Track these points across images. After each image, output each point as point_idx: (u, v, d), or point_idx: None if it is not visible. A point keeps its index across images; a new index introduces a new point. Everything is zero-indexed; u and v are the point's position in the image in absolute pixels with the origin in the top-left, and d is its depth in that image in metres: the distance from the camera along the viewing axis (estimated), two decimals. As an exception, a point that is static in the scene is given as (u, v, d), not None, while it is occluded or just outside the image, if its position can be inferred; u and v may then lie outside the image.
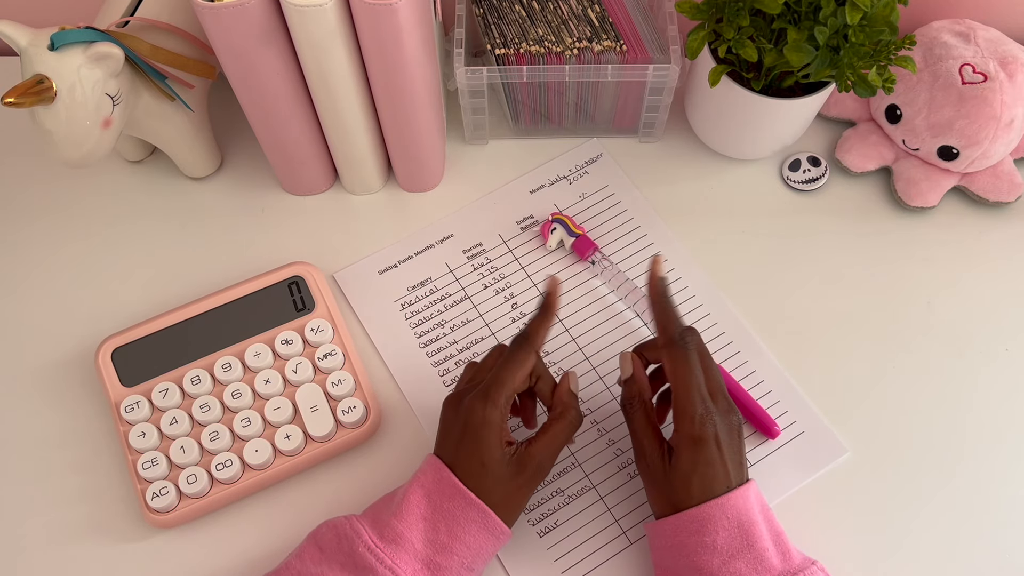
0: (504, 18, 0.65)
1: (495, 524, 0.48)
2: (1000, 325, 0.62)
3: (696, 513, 0.47)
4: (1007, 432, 0.58)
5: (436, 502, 0.48)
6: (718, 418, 0.48)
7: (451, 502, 0.48)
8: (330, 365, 0.59)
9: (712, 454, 0.48)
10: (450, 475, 0.48)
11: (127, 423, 0.57)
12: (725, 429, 0.48)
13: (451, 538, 0.47)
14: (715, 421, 0.48)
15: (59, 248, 0.66)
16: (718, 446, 0.48)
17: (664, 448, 0.50)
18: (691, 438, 0.48)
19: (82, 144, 0.54)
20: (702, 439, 0.48)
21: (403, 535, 0.47)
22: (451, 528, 0.47)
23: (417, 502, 0.48)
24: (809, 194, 0.67)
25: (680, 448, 0.48)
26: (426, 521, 0.48)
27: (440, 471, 0.49)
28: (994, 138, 0.61)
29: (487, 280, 0.64)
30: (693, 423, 0.48)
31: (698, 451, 0.48)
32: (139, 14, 0.59)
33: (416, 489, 0.49)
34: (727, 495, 0.47)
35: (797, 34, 0.54)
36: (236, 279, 0.63)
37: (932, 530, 0.55)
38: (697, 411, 0.48)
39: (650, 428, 0.51)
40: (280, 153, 0.63)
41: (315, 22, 0.51)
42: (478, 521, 0.48)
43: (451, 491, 0.48)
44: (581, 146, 0.70)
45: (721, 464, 0.48)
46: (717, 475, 0.48)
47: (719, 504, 0.47)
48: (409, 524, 0.48)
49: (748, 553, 0.46)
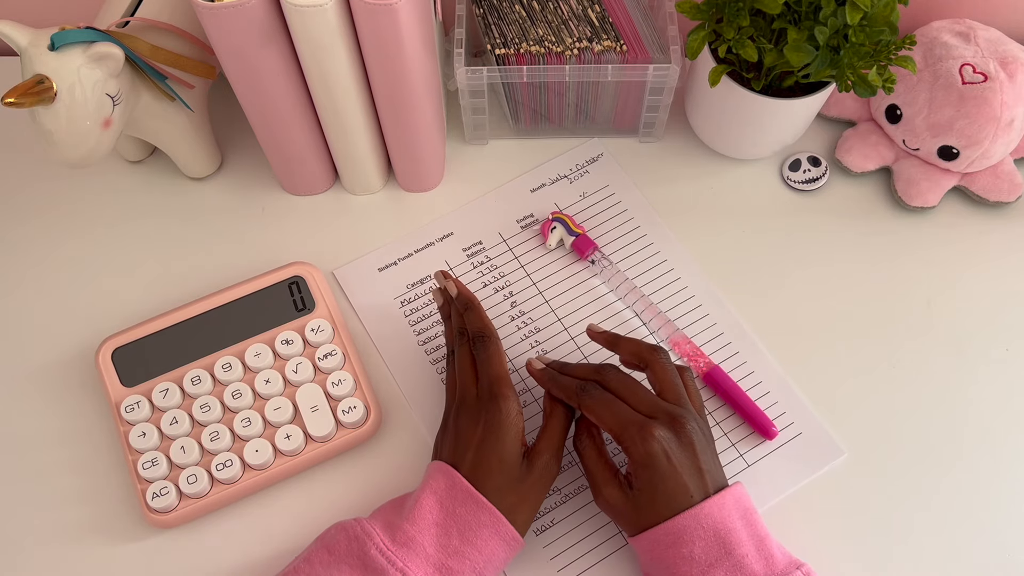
0: (504, 18, 0.65)
1: (507, 530, 0.48)
2: (1000, 325, 0.62)
3: (670, 526, 0.47)
4: (1007, 433, 0.58)
5: (449, 507, 0.48)
6: (661, 431, 0.48)
7: (463, 507, 0.48)
8: (330, 365, 0.59)
9: (663, 467, 0.47)
10: (462, 480, 0.49)
11: (127, 423, 0.57)
12: (673, 439, 0.48)
13: (463, 543, 0.47)
14: (657, 434, 0.48)
15: (59, 248, 0.66)
16: (667, 457, 0.47)
17: (619, 478, 0.50)
18: (641, 459, 0.48)
19: (82, 144, 0.54)
20: (650, 455, 0.47)
21: (415, 539, 0.47)
22: (463, 533, 0.48)
23: (430, 507, 0.48)
24: (809, 194, 0.67)
25: (635, 473, 0.48)
26: (438, 526, 0.48)
27: (452, 476, 0.49)
28: (994, 138, 0.61)
29: (487, 278, 0.64)
30: (635, 443, 0.48)
31: (652, 469, 0.47)
32: (139, 14, 0.59)
33: (428, 495, 0.49)
34: (700, 505, 0.47)
35: (797, 34, 0.54)
36: (236, 279, 0.63)
37: (930, 532, 0.55)
38: (632, 432, 0.48)
39: (601, 461, 0.51)
40: (280, 153, 0.63)
41: (315, 22, 0.51)
42: (490, 526, 0.48)
43: (464, 496, 0.48)
44: (581, 146, 0.70)
45: (675, 475, 0.47)
46: (675, 487, 0.47)
47: (693, 515, 0.47)
48: (421, 528, 0.48)
49: (727, 561, 0.46)
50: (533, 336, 0.62)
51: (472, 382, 0.52)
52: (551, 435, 0.51)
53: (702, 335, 0.62)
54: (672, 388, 0.51)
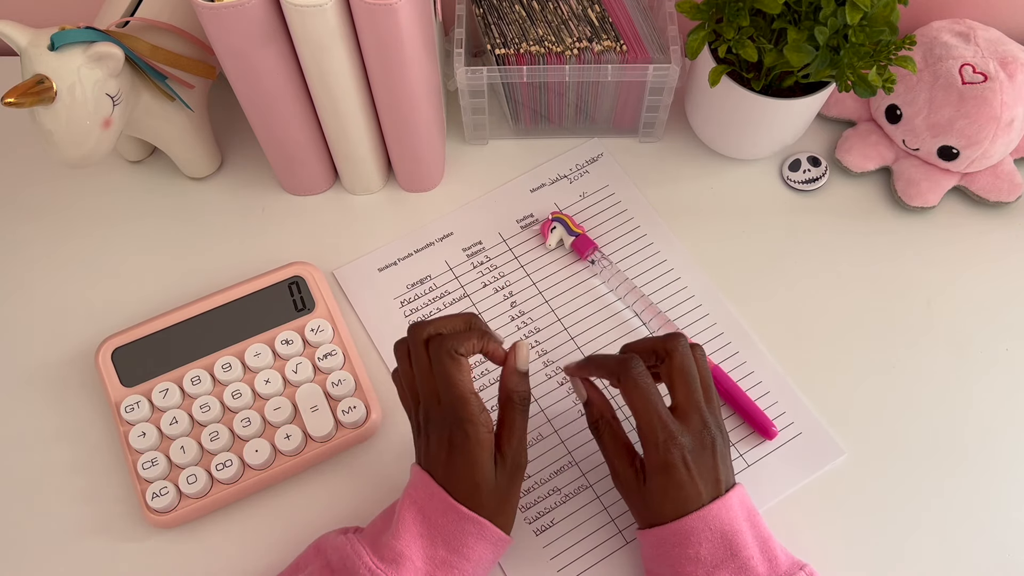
0: (504, 18, 0.65)
1: (492, 533, 0.48)
2: (1000, 325, 0.62)
3: (678, 526, 0.47)
4: (1007, 433, 0.58)
5: (430, 518, 0.47)
6: (685, 439, 0.48)
7: (445, 517, 0.47)
8: (330, 365, 0.59)
9: (681, 477, 0.47)
10: (440, 491, 0.47)
11: (127, 423, 0.57)
12: (696, 448, 0.48)
13: (450, 552, 0.47)
14: (681, 444, 0.47)
15: (59, 248, 0.66)
16: (686, 467, 0.47)
17: (637, 464, 0.50)
18: (657, 465, 0.48)
19: (82, 144, 0.54)
20: (668, 464, 0.47)
21: (403, 554, 0.46)
22: (449, 543, 0.47)
23: (412, 519, 0.47)
24: (809, 194, 0.67)
25: (650, 473, 0.48)
26: (423, 538, 0.47)
27: (429, 487, 0.48)
28: (994, 138, 0.61)
29: (487, 278, 0.64)
30: (657, 450, 0.48)
31: (667, 476, 0.47)
32: (139, 14, 0.59)
33: (409, 506, 0.48)
34: (708, 507, 0.47)
35: (797, 34, 0.54)
36: (236, 279, 0.63)
37: (930, 532, 0.55)
38: (659, 438, 0.48)
39: (620, 447, 0.51)
40: (280, 153, 0.63)
41: (315, 22, 0.51)
42: (475, 533, 0.47)
43: (443, 507, 0.47)
44: (581, 146, 0.70)
45: (691, 484, 0.47)
46: (688, 495, 0.47)
47: (701, 516, 0.47)
48: (407, 542, 0.47)
49: (732, 562, 0.46)
50: (533, 336, 0.62)
51: (434, 390, 0.48)
52: (515, 431, 0.49)
53: (702, 335, 0.62)
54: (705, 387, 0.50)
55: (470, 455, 0.47)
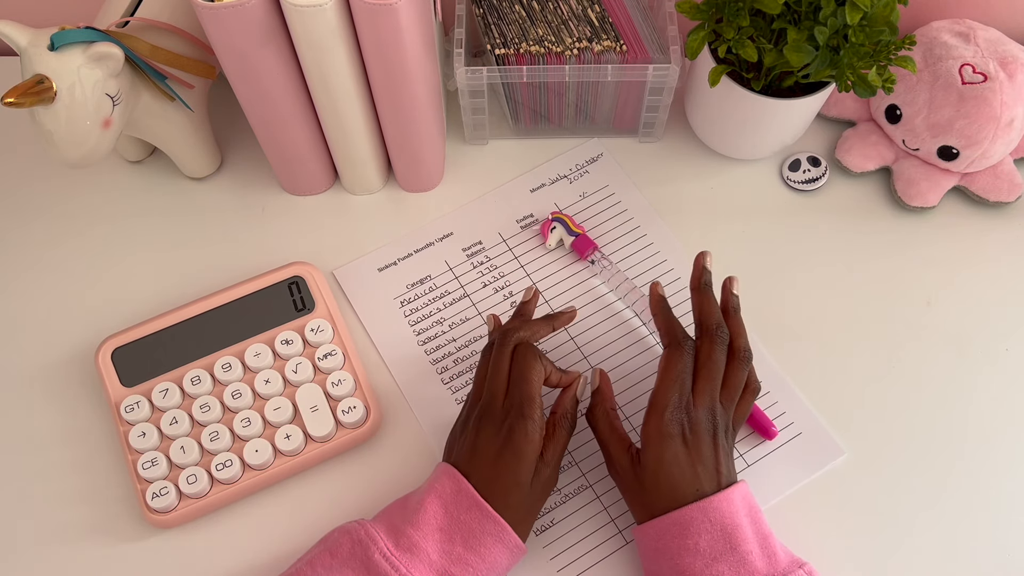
0: (504, 18, 0.65)
1: (511, 539, 0.48)
2: (1000, 325, 0.62)
3: (678, 516, 0.47)
4: (1006, 433, 0.58)
5: (453, 513, 0.48)
6: (688, 418, 0.48)
7: (468, 514, 0.48)
8: (330, 365, 0.59)
9: (678, 451, 0.48)
10: (469, 487, 0.48)
11: (127, 423, 0.57)
12: (701, 431, 0.48)
13: (467, 550, 0.47)
14: (686, 419, 0.48)
15: (59, 248, 0.66)
16: (685, 444, 0.48)
17: (632, 451, 0.50)
18: (656, 432, 0.48)
19: (82, 144, 0.54)
20: (667, 434, 0.48)
21: (419, 544, 0.47)
22: (467, 540, 0.47)
23: (434, 512, 0.48)
24: (809, 194, 0.67)
25: (646, 444, 0.49)
26: (442, 532, 0.48)
27: (459, 482, 0.49)
28: (994, 138, 0.61)
29: (486, 278, 0.64)
30: (661, 417, 0.48)
31: (663, 446, 0.48)
32: (139, 14, 0.59)
33: (433, 499, 0.49)
34: (710, 498, 0.47)
35: (797, 34, 0.54)
36: (236, 279, 0.63)
37: (930, 531, 0.55)
38: (669, 404, 0.48)
39: (614, 433, 0.51)
40: (280, 153, 0.63)
41: (315, 22, 0.51)
42: (495, 535, 0.48)
43: (469, 503, 0.48)
44: (581, 146, 0.70)
45: (687, 463, 0.48)
46: (684, 474, 0.48)
47: (701, 507, 0.47)
48: (425, 534, 0.47)
49: (731, 556, 0.46)
50: (533, 336, 0.62)
51: (502, 390, 0.51)
52: (558, 445, 0.51)
53: (702, 335, 0.62)
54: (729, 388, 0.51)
55: (521, 451, 0.49)
